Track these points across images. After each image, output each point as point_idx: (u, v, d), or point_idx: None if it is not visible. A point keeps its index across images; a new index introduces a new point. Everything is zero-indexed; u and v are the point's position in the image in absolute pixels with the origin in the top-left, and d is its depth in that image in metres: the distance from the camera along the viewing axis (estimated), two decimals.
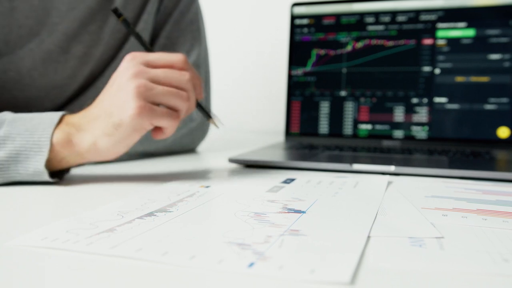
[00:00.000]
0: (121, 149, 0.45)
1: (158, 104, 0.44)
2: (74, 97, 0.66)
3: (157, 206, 0.36)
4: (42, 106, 0.63)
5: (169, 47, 0.72)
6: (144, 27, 0.69)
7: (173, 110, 0.45)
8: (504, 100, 0.76)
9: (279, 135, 0.99)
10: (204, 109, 0.51)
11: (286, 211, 0.35)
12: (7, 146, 0.44)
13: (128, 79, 0.43)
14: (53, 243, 0.27)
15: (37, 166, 0.44)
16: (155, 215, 0.34)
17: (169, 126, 0.45)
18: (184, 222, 0.32)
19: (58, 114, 0.46)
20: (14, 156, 0.44)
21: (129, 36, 0.68)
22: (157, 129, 0.47)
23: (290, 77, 0.89)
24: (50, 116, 0.46)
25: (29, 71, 0.60)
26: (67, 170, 0.48)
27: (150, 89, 0.43)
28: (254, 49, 1.30)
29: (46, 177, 0.44)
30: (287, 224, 0.31)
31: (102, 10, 0.63)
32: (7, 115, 0.46)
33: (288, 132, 0.88)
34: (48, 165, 0.45)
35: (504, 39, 0.77)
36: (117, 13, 0.49)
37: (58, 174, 0.47)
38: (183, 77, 0.45)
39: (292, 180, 0.49)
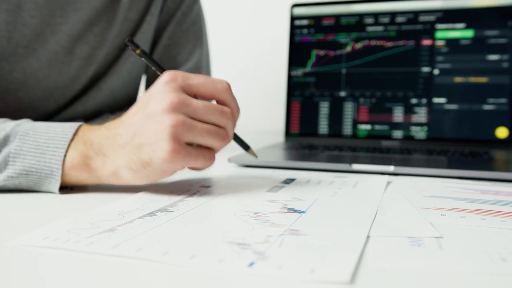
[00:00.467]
0: (145, 182, 0.41)
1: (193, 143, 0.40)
2: (78, 97, 0.66)
3: (158, 206, 0.36)
4: (46, 106, 0.63)
5: (172, 48, 0.73)
6: (148, 28, 0.69)
7: (209, 149, 0.41)
8: (503, 100, 0.76)
9: (279, 135, 0.99)
10: (242, 141, 0.48)
11: (286, 211, 0.35)
12: (16, 164, 0.40)
13: (164, 111, 0.37)
14: (54, 243, 0.27)
15: (50, 189, 0.41)
16: (155, 215, 0.34)
17: (202, 167, 0.42)
18: (185, 222, 0.32)
19: (73, 128, 0.41)
20: (25, 175, 0.40)
21: (133, 37, 0.68)
22: None
23: (290, 77, 0.89)
24: (65, 130, 0.41)
25: (34, 71, 0.60)
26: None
27: (188, 129, 0.38)
28: (254, 50, 1.30)
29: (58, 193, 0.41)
30: (287, 224, 0.31)
31: (107, 11, 0.63)
32: (24, 124, 0.42)
33: (288, 132, 0.88)
34: (62, 183, 0.41)
35: (502, 40, 0.77)
36: (133, 44, 0.43)
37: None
38: (225, 115, 0.40)
39: (292, 180, 0.49)
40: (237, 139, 0.47)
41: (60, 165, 0.40)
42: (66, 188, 0.42)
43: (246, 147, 0.48)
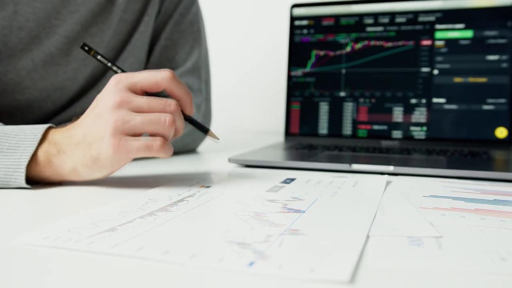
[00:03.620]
0: (102, 176, 0.44)
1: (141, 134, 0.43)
2: (76, 98, 0.66)
3: (158, 206, 0.36)
4: (43, 108, 0.63)
5: (170, 48, 0.73)
6: (145, 29, 0.69)
7: (154, 138, 0.43)
8: (502, 100, 0.77)
9: (279, 135, 0.99)
10: (199, 124, 0.49)
11: (286, 210, 0.35)
12: None
13: (108, 110, 0.41)
14: (55, 242, 0.27)
15: (17, 183, 0.43)
16: (156, 215, 0.34)
17: (153, 155, 0.43)
18: (185, 222, 0.32)
19: (42, 129, 0.44)
20: None
21: (131, 37, 0.68)
22: None
23: (289, 77, 0.89)
24: (34, 131, 0.44)
25: (29, 73, 0.60)
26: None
27: (127, 122, 0.41)
28: (254, 50, 1.30)
29: (28, 187, 0.44)
30: (287, 224, 0.32)
31: (103, 13, 0.64)
32: None
33: (287, 132, 0.88)
34: (31, 178, 0.44)
35: (501, 40, 0.77)
36: (87, 47, 0.47)
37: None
38: (168, 106, 0.43)
39: (292, 180, 0.49)
40: (195, 123, 0.48)
41: (27, 161, 0.42)
42: (35, 183, 0.45)
43: (205, 130, 0.49)
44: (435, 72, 0.80)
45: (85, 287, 0.22)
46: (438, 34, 0.81)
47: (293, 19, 0.90)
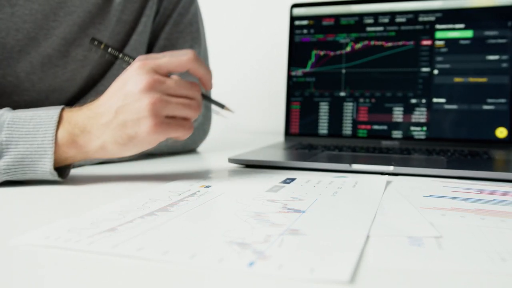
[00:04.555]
0: (131, 154, 0.46)
1: (172, 117, 0.45)
2: (75, 100, 0.66)
3: (158, 206, 0.36)
4: None
5: (169, 49, 0.73)
6: (143, 30, 0.69)
7: (185, 120, 0.46)
8: (502, 100, 0.77)
9: (279, 135, 0.99)
10: (216, 102, 0.53)
11: (286, 210, 0.35)
12: (10, 151, 0.43)
13: (141, 92, 0.43)
14: (55, 242, 0.27)
15: (44, 169, 0.44)
16: (156, 215, 0.34)
17: (183, 136, 0.47)
18: (185, 222, 0.32)
19: (57, 111, 0.45)
20: (20, 160, 0.43)
21: (129, 38, 0.68)
22: None
23: (289, 77, 0.89)
24: (49, 114, 0.45)
25: (28, 75, 0.60)
26: (70, 165, 0.48)
27: (165, 104, 0.44)
28: (254, 50, 1.30)
29: (55, 177, 0.45)
30: (287, 224, 0.32)
31: (100, 13, 0.63)
32: (5, 114, 0.45)
33: (287, 132, 0.88)
34: (55, 160, 0.45)
35: (502, 40, 0.77)
36: (96, 41, 0.50)
37: (62, 169, 0.47)
38: (194, 86, 0.46)
39: (292, 180, 0.49)
40: (211, 100, 0.54)
41: (53, 144, 0.43)
42: (59, 171, 0.46)
43: (221, 105, 0.54)
44: (435, 72, 0.80)
45: (85, 287, 0.22)
46: (438, 34, 0.81)
47: (293, 19, 0.90)
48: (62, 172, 0.47)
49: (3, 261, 0.25)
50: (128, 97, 0.43)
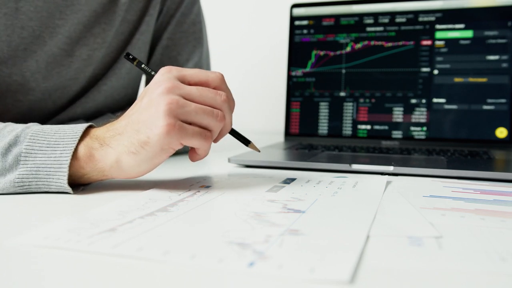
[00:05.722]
0: (146, 168, 0.42)
1: (190, 123, 0.41)
2: (77, 98, 0.66)
3: (158, 206, 0.36)
4: (44, 108, 0.63)
5: (172, 48, 0.73)
6: (146, 29, 0.69)
7: (206, 130, 0.42)
8: (502, 100, 0.77)
9: (279, 135, 0.99)
10: (241, 136, 0.49)
11: (286, 210, 0.35)
12: (28, 162, 0.41)
13: (159, 94, 0.40)
14: (55, 242, 0.27)
15: (59, 184, 0.41)
16: (156, 215, 0.34)
17: (201, 147, 0.43)
18: (185, 222, 0.32)
19: (83, 127, 0.43)
20: (35, 172, 0.41)
21: (132, 37, 0.68)
22: (192, 150, 0.45)
23: (289, 77, 0.89)
24: (74, 129, 0.43)
25: (33, 74, 0.60)
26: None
27: (182, 106, 0.40)
28: (254, 50, 1.30)
29: (69, 191, 0.42)
30: (287, 224, 0.32)
31: (106, 13, 0.64)
32: (32, 127, 0.43)
33: (287, 133, 0.88)
34: (71, 176, 0.42)
35: (502, 40, 0.77)
36: (130, 57, 0.48)
37: (76, 186, 0.44)
38: (219, 96, 0.42)
39: (292, 180, 0.49)
40: (236, 134, 0.49)
41: (69, 158, 0.41)
42: (75, 186, 0.43)
43: (246, 142, 0.49)
44: (435, 72, 0.80)
45: (85, 287, 0.22)
46: (438, 34, 0.81)
47: (293, 19, 0.90)
48: (76, 189, 0.44)
49: (3, 261, 0.25)
50: (147, 104, 0.41)
